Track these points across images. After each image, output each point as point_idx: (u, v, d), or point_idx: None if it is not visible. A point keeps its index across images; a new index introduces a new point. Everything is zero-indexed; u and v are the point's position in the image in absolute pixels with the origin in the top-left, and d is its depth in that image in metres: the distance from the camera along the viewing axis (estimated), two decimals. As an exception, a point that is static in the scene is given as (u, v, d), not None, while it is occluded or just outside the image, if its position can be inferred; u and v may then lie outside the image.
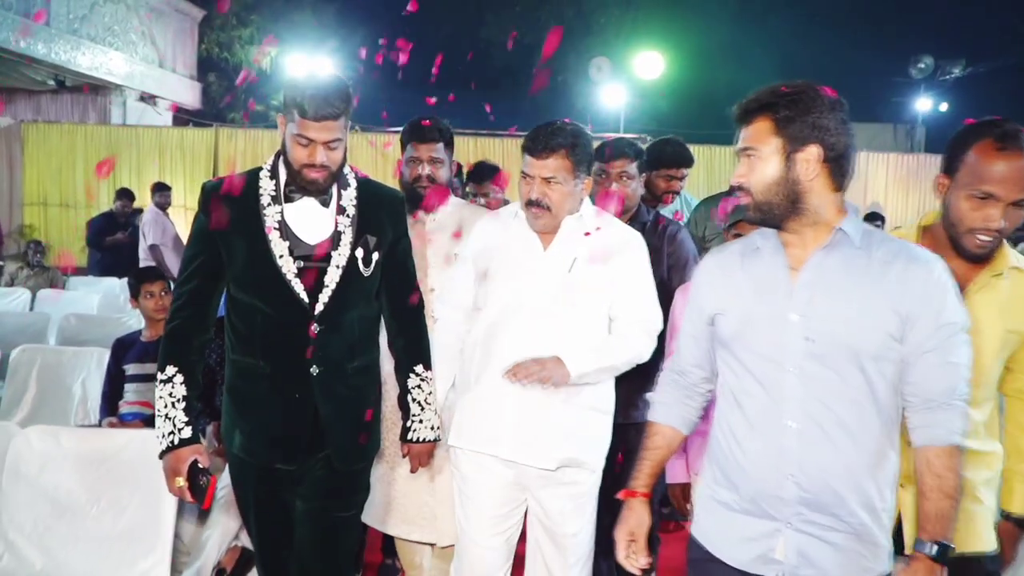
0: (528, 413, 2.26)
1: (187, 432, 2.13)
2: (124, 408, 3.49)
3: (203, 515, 2.82)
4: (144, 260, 7.33)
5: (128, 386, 3.52)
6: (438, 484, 2.64)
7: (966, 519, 1.82)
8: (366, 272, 2.23)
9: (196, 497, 2.11)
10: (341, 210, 2.23)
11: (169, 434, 2.11)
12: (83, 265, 11.46)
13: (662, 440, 1.91)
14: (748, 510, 1.72)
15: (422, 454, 2.39)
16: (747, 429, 1.72)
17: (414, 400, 2.36)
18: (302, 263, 2.16)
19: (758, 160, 1.64)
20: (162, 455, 2.13)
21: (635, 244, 2.35)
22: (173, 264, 7.20)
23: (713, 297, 1.80)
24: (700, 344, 1.86)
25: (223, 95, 18.74)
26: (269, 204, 2.18)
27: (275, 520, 2.29)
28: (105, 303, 6.04)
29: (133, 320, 5.28)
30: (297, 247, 2.17)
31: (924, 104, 16.91)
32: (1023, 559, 2.11)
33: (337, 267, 2.19)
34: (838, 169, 1.64)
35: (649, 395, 2.00)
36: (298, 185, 2.17)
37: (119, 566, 2.35)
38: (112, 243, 8.00)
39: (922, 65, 16.76)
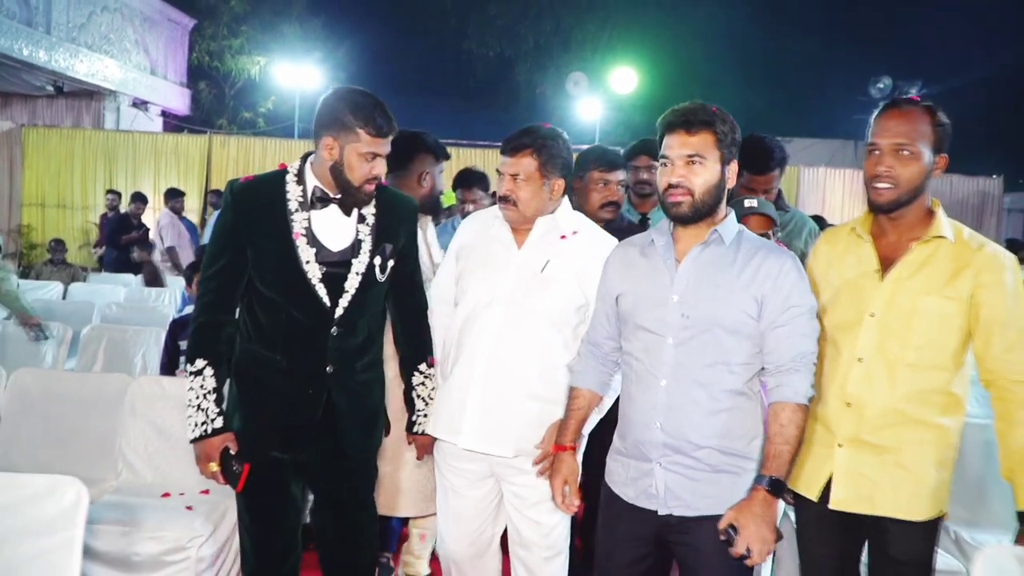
0: (490, 404, 2.31)
1: (219, 422, 2.21)
2: (180, 376, 4.13)
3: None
4: (162, 262, 7.92)
5: (183, 359, 4.15)
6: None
7: (892, 484, 2.00)
8: (381, 279, 2.30)
9: (230, 481, 2.21)
10: (361, 219, 2.27)
11: (202, 424, 2.19)
12: (78, 263, 11.87)
13: (583, 402, 2.18)
14: (633, 454, 2.02)
15: (426, 444, 2.48)
16: (634, 386, 2.02)
17: (419, 396, 2.45)
18: (325, 269, 2.22)
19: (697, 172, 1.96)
20: (193, 442, 2.22)
21: (611, 248, 2.34)
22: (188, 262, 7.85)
23: (617, 281, 2.10)
24: (611, 320, 2.14)
25: (212, 102, 19.19)
26: (297, 210, 2.21)
27: (265, 503, 2.30)
28: (130, 294, 6.66)
29: (165, 307, 5.95)
30: (320, 253, 2.22)
31: (884, 122, 17.53)
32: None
33: (357, 274, 2.25)
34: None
35: (569, 364, 2.30)
36: (351, 199, 2.23)
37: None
38: (128, 241, 8.54)
39: (881, 85, 17.22)
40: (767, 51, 19.51)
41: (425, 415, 2.45)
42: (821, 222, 5.65)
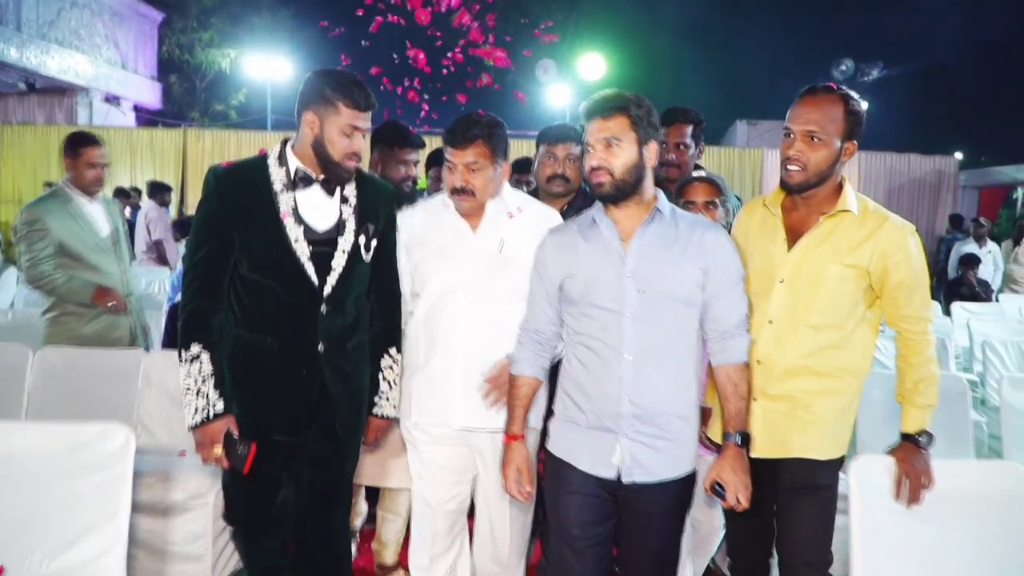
0: (475, 384, 2.39)
1: (220, 406, 2.21)
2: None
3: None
4: (146, 253, 8.12)
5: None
6: None
7: (802, 429, 2.17)
8: (366, 257, 2.34)
9: (235, 463, 2.21)
10: (344, 199, 2.32)
11: (203, 408, 2.19)
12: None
13: (528, 389, 2.23)
14: (593, 425, 2.08)
15: (382, 428, 2.51)
16: (593, 364, 2.08)
17: (384, 379, 2.46)
18: (312, 248, 2.25)
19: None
20: (193, 428, 2.22)
21: (555, 221, 2.45)
22: (173, 255, 8.10)
23: (559, 267, 2.15)
24: (552, 305, 2.19)
25: (184, 95, 19.25)
26: (282, 191, 2.25)
27: (261, 492, 2.32)
28: (124, 286, 6.89)
29: (158, 295, 6.21)
30: (307, 232, 2.25)
31: (845, 104, 17.92)
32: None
33: (343, 252, 2.29)
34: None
35: (509, 353, 2.30)
36: (333, 175, 2.28)
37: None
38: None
39: (843, 67, 17.42)
40: (732, 34, 19.94)
41: (387, 398, 2.49)
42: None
